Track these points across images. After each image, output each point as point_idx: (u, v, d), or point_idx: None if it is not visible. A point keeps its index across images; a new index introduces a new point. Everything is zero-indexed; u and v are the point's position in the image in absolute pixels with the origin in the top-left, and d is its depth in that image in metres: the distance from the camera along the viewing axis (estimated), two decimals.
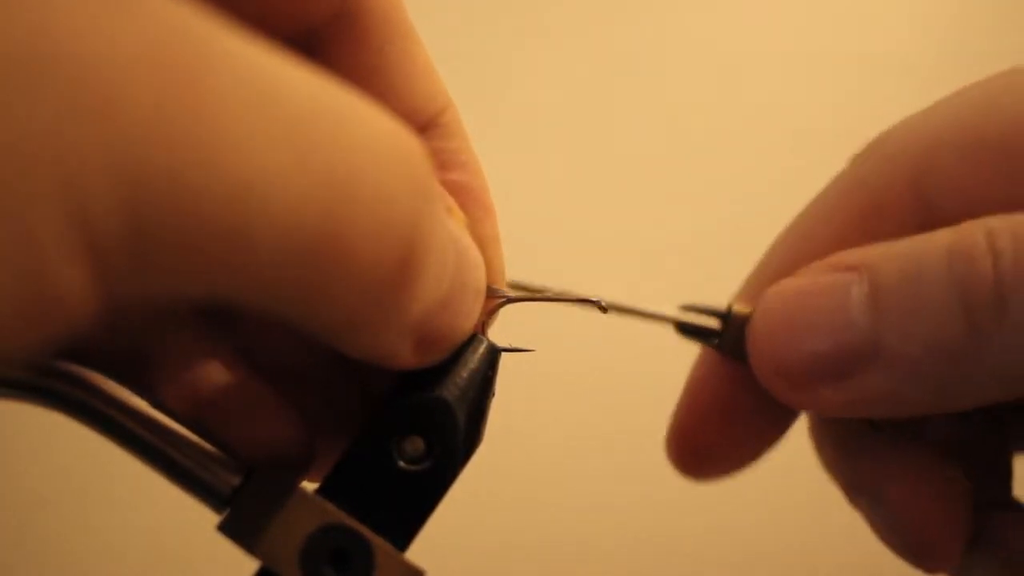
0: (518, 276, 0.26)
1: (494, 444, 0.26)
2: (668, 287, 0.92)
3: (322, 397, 0.25)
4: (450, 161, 0.25)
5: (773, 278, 0.25)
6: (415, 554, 0.22)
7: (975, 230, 0.22)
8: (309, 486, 0.22)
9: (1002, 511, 0.26)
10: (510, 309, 0.25)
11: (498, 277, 0.25)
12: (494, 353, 0.24)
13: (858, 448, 0.26)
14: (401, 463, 0.22)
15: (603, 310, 0.25)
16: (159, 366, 0.22)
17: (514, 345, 0.25)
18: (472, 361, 0.23)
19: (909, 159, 0.24)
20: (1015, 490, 0.27)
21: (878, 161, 0.25)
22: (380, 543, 0.22)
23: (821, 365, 0.23)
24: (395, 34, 0.24)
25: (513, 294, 0.25)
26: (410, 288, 0.18)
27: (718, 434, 0.27)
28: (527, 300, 0.25)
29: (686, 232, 0.97)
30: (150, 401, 0.22)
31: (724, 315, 0.26)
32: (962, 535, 0.25)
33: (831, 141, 0.99)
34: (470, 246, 0.22)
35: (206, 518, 0.22)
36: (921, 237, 0.22)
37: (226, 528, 0.21)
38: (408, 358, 0.20)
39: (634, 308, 0.26)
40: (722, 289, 0.28)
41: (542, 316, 0.25)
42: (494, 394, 0.24)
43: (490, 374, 0.24)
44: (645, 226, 0.97)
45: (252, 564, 0.21)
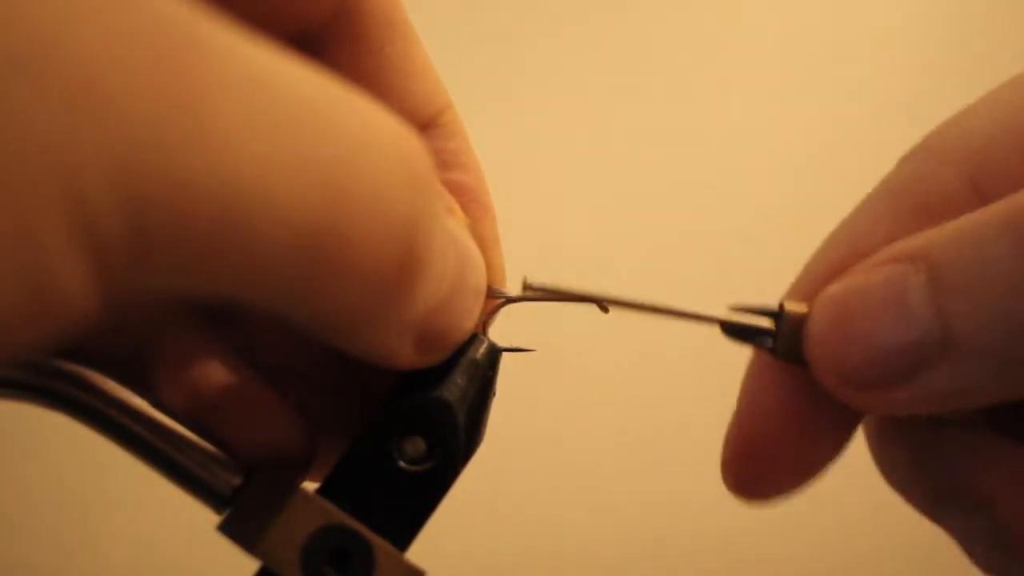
0: (519, 276, 0.25)
1: (494, 444, 0.26)
2: (677, 285, 0.92)
3: (322, 397, 0.25)
4: (450, 161, 0.25)
5: (824, 279, 0.24)
6: (415, 554, 0.22)
7: None
8: (309, 486, 0.22)
9: None
10: (511, 309, 0.25)
11: (498, 277, 0.25)
12: (495, 353, 0.24)
13: (940, 450, 0.24)
14: (402, 463, 0.22)
15: (604, 310, 0.25)
16: (159, 366, 0.22)
17: (514, 345, 0.25)
18: (473, 361, 0.23)
19: (962, 156, 0.23)
20: None
21: (930, 159, 0.24)
22: (380, 543, 0.22)
23: (888, 364, 0.21)
24: (395, 34, 0.24)
25: (513, 294, 0.25)
26: (411, 287, 0.18)
27: (782, 447, 0.25)
28: (527, 300, 0.25)
29: (697, 230, 0.97)
30: (150, 400, 0.22)
31: (776, 315, 0.24)
32: None
33: (839, 139, 0.99)
34: (471, 246, 0.22)
35: (206, 518, 0.22)
36: (971, 215, 0.21)
37: (226, 528, 0.21)
38: (408, 357, 0.20)
39: (678, 309, 0.24)
40: (731, 286, 0.27)
41: (542, 316, 0.25)
42: (495, 394, 0.24)
43: (491, 374, 0.24)
44: (655, 224, 0.97)
45: (252, 564, 0.21)
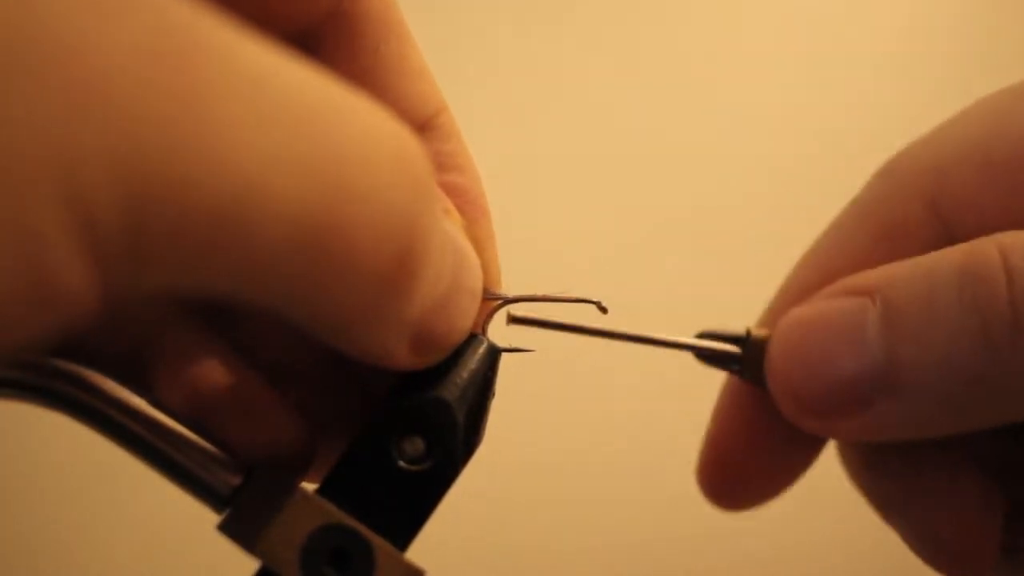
0: (522, 277, 0.26)
1: (494, 444, 0.26)
2: (673, 290, 0.92)
3: (322, 397, 0.25)
4: (446, 163, 0.25)
5: (791, 303, 0.24)
6: (415, 554, 0.22)
7: (986, 247, 0.21)
8: (309, 486, 0.22)
9: None
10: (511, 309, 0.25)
11: (494, 278, 0.25)
12: (494, 353, 0.24)
13: (885, 464, 0.25)
14: (401, 463, 0.22)
15: (603, 310, 0.25)
16: (159, 365, 0.22)
17: (514, 345, 0.25)
18: (472, 361, 0.23)
19: (923, 179, 0.24)
20: None
21: (892, 183, 0.25)
22: (380, 543, 0.22)
23: (839, 395, 0.22)
24: (390, 36, 0.24)
25: (512, 295, 0.25)
26: (408, 286, 0.18)
27: (749, 463, 0.26)
28: (527, 300, 0.25)
29: (692, 235, 0.97)
30: (150, 400, 0.22)
31: (743, 340, 0.25)
32: (995, 546, 0.24)
33: (838, 141, 0.99)
34: (467, 247, 0.22)
35: (206, 518, 0.22)
36: (932, 256, 0.22)
37: (226, 528, 0.21)
38: (405, 357, 0.20)
39: (650, 336, 0.25)
40: (727, 294, 0.28)
41: (542, 316, 0.25)
42: (494, 394, 0.24)
43: (490, 374, 0.24)
44: (651, 228, 0.97)
45: (252, 564, 0.21)
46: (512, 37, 1.01)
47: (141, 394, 0.22)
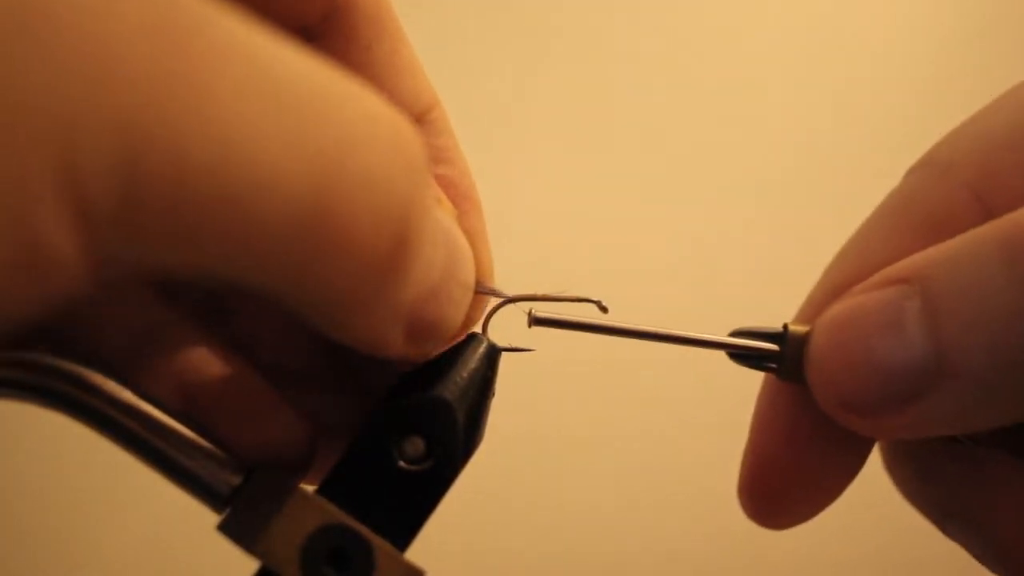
0: (523, 277, 0.25)
1: (494, 444, 0.26)
2: (676, 294, 0.92)
3: (322, 397, 0.25)
4: (438, 157, 0.25)
5: (830, 297, 0.23)
6: (415, 554, 0.22)
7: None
8: (309, 486, 0.22)
9: None
10: (511, 310, 0.25)
11: (486, 272, 0.25)
12: (494, 353, 0.24)
13: (946, 467, 0.23)
14: (401, 463, 0.22)
15: (604, 310, 0.25)
16: (156, 361, 0.22)
17: (514, 345, 0.25)
18: (472, 361, 0.23)
19: (966, 168, 0.23)
20: None
21: (934, 172, 0.23)
22: (380, 543, 0.22)
23: (885, 391, 0.21)
24: (383, 32, 0.24)
25: (512, 294, 0.25)
26: (403, 270, 0.18)
27: (795, 472, 0.24)
28: (527, 299, 0.25)
29: (698, 238, 0.97)
30: (148, 397, 0.22)
31: (780, 337, 0.23)
32: None
33: (841, 145, 0.99)
34: (460, 237, 0.22)
35: (206, 518, 0.22)
36: (969, 234, 0.20)
37: (226, 528, 0.21)
38: (399, 346, 0.20)
39: (683, 336, 0.24)
40: (733, 296, 0.27)
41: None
42: (494, 394, 0.24)
43: (490, 374, 0.24)
44: (657, 231, 0.97)
45: (252, 564, 0.21)
46: (513, 37, 1.01)
47: (138, 391, 0.22)
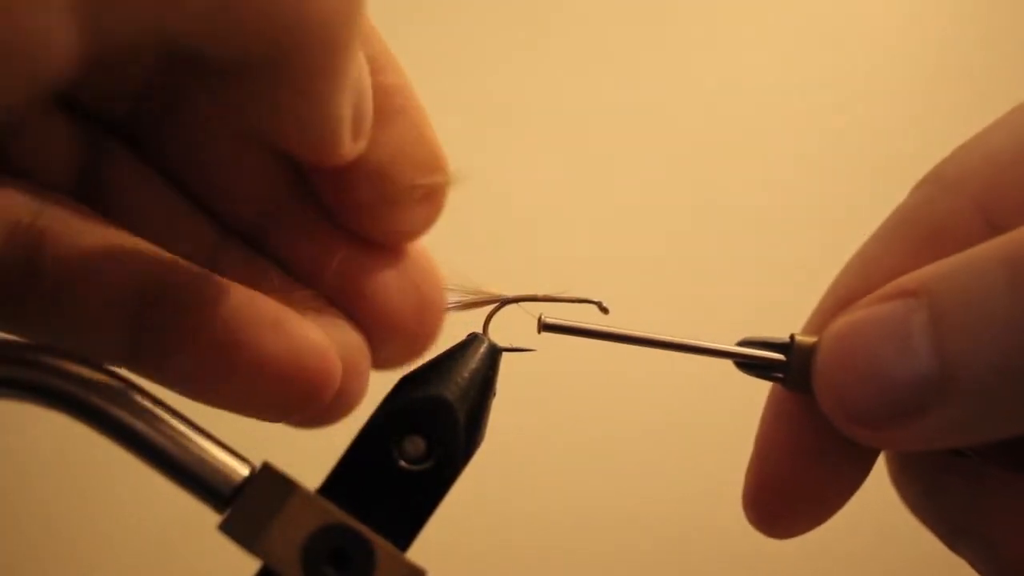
0: (523, 278, 0.25)
1: (495, 444, 0.26)
2: (678, 295, 0.92)
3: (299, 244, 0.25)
4: (377, 64, 0.25)
5: (837, 309, 0.23)
6: (416, 554, 0.22)
7: None
8: (310, 486, 0.22)
9: None
10: (511, 310, 0.25)
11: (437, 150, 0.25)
12: (495, 353, 0.24)
13: (954, 483, 0.23)
14: (402, 463, 0.22)
15: (604, 311, 0.25)
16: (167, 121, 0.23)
17: (514, 345, 0.25)
18: (473, 361, 0.23)
19: (973, 184, 0.23)
20: None
21: (941, 187, 0.24)
22: (381, 543, 0.22)
23: (891, 402, 0.21)
24: None
25: (511, 295, 0.25)
26: (355, 41, 0.18)
27: (801, 483, 0.24)
28: (527, 300, 0.25)
29: (700, 240, 0.97)
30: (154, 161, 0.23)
31: (787, 347, 0.24)
32: None
33: (839, 153, 0.99)
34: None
35: (207, 518, 0.22)
36: (974, 249, 0.21)
37: (227, 528, 0.21)
38: (347, 141, 0.20)
39: (690, 344, 0.24)
40: (736, 296, 0.27)
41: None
42: (495, 394, 0.24)
43: (491, 374, 0.24)
44: (653, 230, 0.97)
45: (253, 564, 0.21)
46: (514, 37, 1.01)
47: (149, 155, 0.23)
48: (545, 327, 0.24)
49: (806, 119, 1.01)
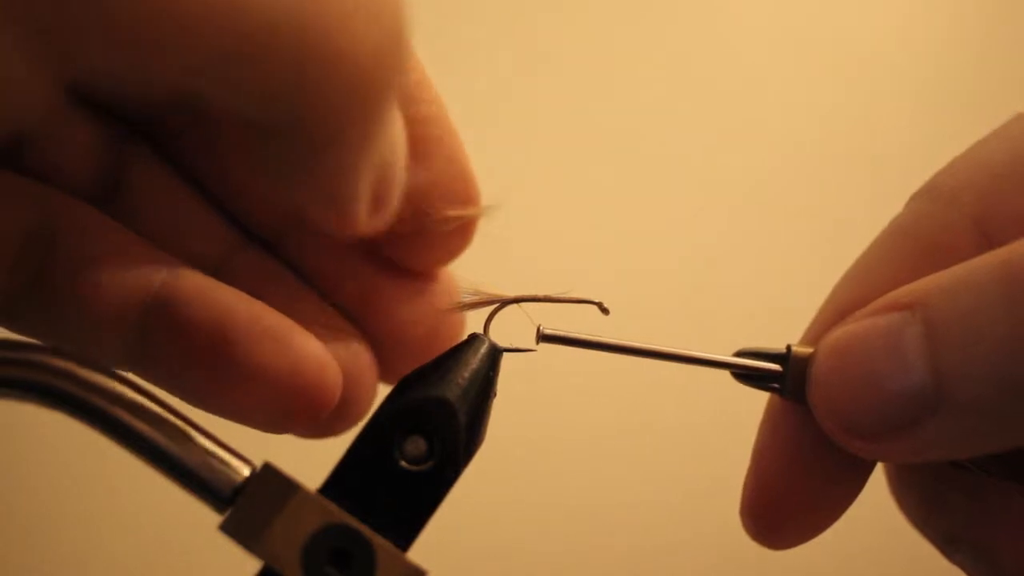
0: (525, 278, 0.25)
1: (495, 444, 0.26)
2: (678, 298, 0.92)
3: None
4: (413, 95, 0.24)
5: (833, 321, 0.24)
6: (416, 554, 0.22)
7: None
8: (311, 486, 0.22)
9: None
10: (512, 310, 0.25)
11: (471, 187, 0.25)
12: (496, 353, 0.24)
13: (952, 495, 0.23)
14: (403, 463, 0.22)
15: (604, 312, 0.25)
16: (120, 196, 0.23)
17: (515, 345, 0.25)
18: (474, 361, 0.23)
19: (968, 197, 0.23)
20: None
21: (937, 200, 0.24)
22: (382, 543, 0.22)
23: (886, 415, 0.21)
24: None
25: (511, 296, 0.25)
26: (389, 108, 0.18)
27: (798, 493, 0.24)
28: (527, 300, 0.25)
29: (701, 243, 0.97)
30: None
31: (784, 358, 0.24)
32: None
33: (841, 153, 0.99)
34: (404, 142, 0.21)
35: (208, 518, 0.22)
36: (970, 263, 0.21)
37: (228, 528, 0.21)
38: (364, 212, 0.20)
39: (688, 355, 0.24)
40: (734, 300, 0.27)
41: (543, 317, 0.25)
42: (495, 394, 0.24)
43: (491, 374, 0.24)
44: (655, 232, 0.97)
45: (254, 564, 0.21)
46: (516, 37, 1.01)
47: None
48: (543, 338, 0.24)
49: (806, 124, 1.01)
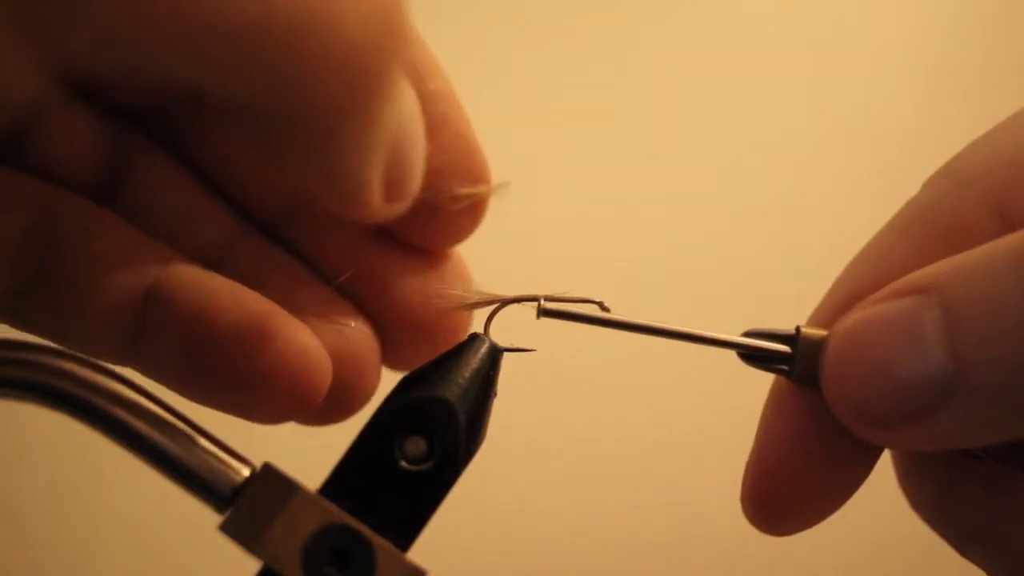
0: (525, 277, 0.25)
1: (495, 444, 0.26)
2: (678, 295, 0.92)
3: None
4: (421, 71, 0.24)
5: (845, 304, 0.23)
6: (416, 554, 0.22)
7: None
8: (311, 486, 0.22)
9: None
10: (512, 310, 0.25)
11: (479, 163, 0.24)
12: (496, 353, 0.24)
13: (965, 486, 0.23)
14: (403, 463, 0.22)
15: (605, 311, 0.25)
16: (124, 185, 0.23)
17: (515, 345, 0.25)
18: (474, 361, 0.23)
19: (989, 180, 0.23)
20: None
21: (954, 184, 0.23)
22: (382, 543, 0.22)
23: (903, 402, 0.20)
24: None
25: (511, 296, 0.25)
26: (389, 89, 0.17)
27: (802, 479, 0.24)
28: (527, 300, 0.25)
29: (702, 239, 0.97)
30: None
31: (792, 339, 0.24)
32: None
33: (841, 146, 0.99)
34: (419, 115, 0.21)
35: (208, 518, 0.22)
36: (989, 245, 0.20)
37: (228, 528, 0.21)
38: (377, 197, 0.19)
39: (696, 334, 0.24)
40: (736, 297, 0.27)
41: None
42: (496, 394, 0.24)
43: (492, 374, 0.24)
44: (671, 238, 0.97)
45: (253, 565, 0.21)
46: (514, 35, 1.01)
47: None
48: (543, 312, 0.24)
49: (809, 110, 1.01)
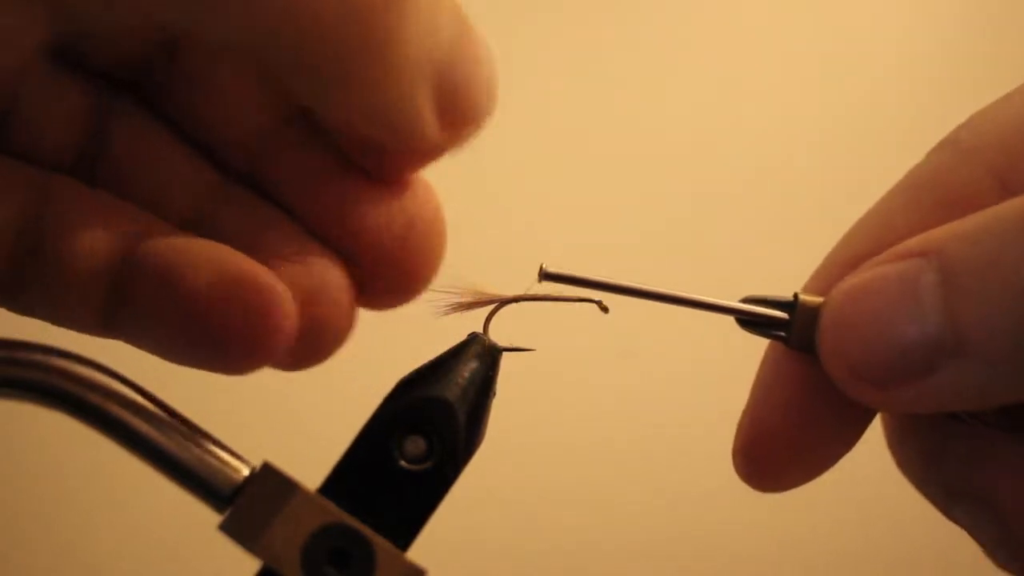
0: (526, 277, 0.25)
1: (496, 444, 0.26)
2: (688, 276, 0.92)
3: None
4: None
5: (843, 270, 0.23)
6: (416, 554, 0.22)
7: None
8: (311, 486, 0.22)
9: None
10: (511, 309, 0.25)
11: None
12: (495, 353, 0.24)
13: (952, 447, 0.23)
14: (402, 463, 0.22)
15: (604, 310, 0.25)
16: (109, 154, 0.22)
17: (514, 345, 0.25)
18: (473, 361, 0.23)
19: (991, 150, 0.23)
20: None
21: (958, 153, 0.23)
22: (381, 542, 0.22)
23: (898, 364, 0.21)
24: None
25: (510, 295, 0.25)
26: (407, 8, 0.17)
27: (792, 438, 0.24)
28: (527, 300, 0.25)
29: (698, 226, 0.97)
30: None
31: (790, 305, 0.24)
32: None
33: (839, 139, 0.99)
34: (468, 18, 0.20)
35: (207, 518, 0.22)
36: (989, 210, 0.20)
37: (228, 528, 0.21)
38: (432, 124, 0.19)
39: (694, 299, 0.24)
40: (742, 276, 0.27)
41: (543, 316, 0.25)
42: (495, 394, 0.24)
43: (491, 374, 0.24)
44: (668, 217, 0.97)
45: (253, 564, 0.21)
46: (512, 34, 1.01)
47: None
48: (545, 275, 0.24)
49: (805, 92, 1.01)
